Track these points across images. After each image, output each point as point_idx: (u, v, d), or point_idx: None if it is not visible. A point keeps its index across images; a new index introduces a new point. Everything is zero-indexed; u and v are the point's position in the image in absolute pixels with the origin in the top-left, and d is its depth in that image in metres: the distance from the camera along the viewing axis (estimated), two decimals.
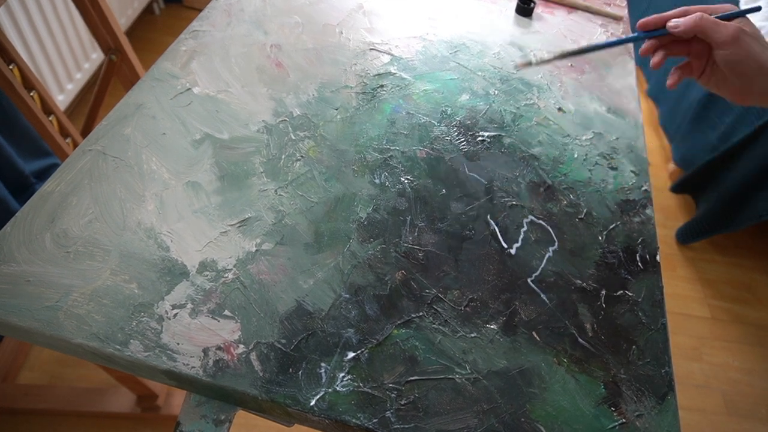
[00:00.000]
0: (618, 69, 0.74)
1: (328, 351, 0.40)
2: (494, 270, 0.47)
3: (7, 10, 1.08)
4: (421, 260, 0.47)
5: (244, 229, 0.46)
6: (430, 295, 0.45)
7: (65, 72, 1.34)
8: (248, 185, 0.49)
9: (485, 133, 0.60)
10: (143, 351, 0.38)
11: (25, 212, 0.44)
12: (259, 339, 0.40)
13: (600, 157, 0.60)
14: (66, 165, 0.47)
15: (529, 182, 0.56)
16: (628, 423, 0.40)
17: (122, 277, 0.41)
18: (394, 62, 0.67)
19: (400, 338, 0.41)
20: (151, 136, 0.51)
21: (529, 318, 0.45)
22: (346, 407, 0.37)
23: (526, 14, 0.80)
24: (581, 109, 0.66)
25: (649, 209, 0.56)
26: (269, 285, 0.43)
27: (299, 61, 0.63)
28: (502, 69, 0.69)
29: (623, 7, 0.89)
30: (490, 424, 0.38)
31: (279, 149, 0.53)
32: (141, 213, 0.45)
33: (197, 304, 0.41)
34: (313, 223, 0.48)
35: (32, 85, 0.75)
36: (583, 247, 0.51)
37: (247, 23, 0.67)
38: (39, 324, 0.38)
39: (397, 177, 0.53)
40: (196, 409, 0.39)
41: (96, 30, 0.88)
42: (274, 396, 0.37)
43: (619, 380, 0.42)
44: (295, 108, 0.58)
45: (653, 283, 0.49)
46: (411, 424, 0.37)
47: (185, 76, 0.58)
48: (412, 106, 0.61)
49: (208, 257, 0.43)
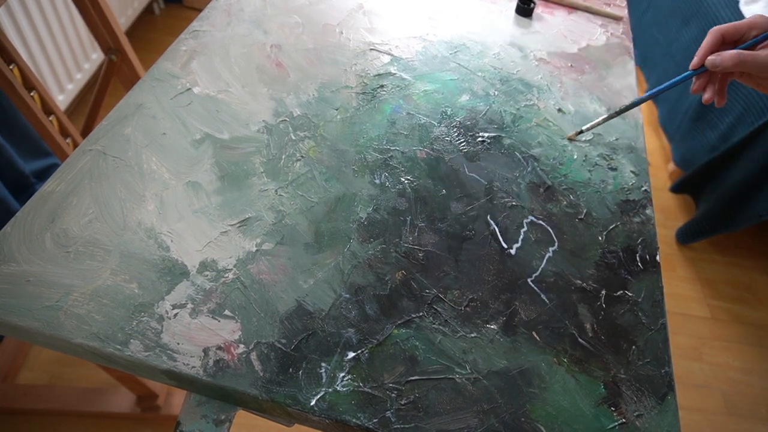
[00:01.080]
0: (618, 69, 0.74)
1: (329, 351, 0.40)
2: (494, 270, 0.47)
3: (7, 10, 1.08)
4: (421, 260, 0.47)
5: (244, 229, 0.46)
6: (430, 295, 0.45)
7: (65, 72, 1.34)
8: (248, 185, 0.49)
9: (485, 133, 0.60)
10: (143, 351, 0.38)
11: (25, 212, 0.44)
12: (259, 339, 0.40)
13: (600, 158, 0.60)
14: (66, 165, 0.47)
15: (529, 183, 0.56)
16: (628, 423, 0.40)
17: (122, 277, 0.41)
18: (394, 62, 0.67)
19: (400, 338, 0.41)
20: (152, 136, 0.51)
21: (529, 318, 0.45)
22: (346, 407, 0.37)
23: (526, 14, 0.80)
24: (581, 110, 0.66)
25: (649, 209, 0.56)
26: (269, 285, 0.43)
27: (299, 61, 0.64)
28: (502, 69, 0.69)
29: (623, 7, 0.89)
30: (490, 424, 0.38)
31: (279, 149, 0.53)
32: (141, 213, 0.45)
33: (197, 304, 0.41)
34: (313, 223, 0.48)
35: (32, 85, 0.75)
36: (583, 247, 0.51)
37: (247, 23, 0.67)
38: (39, 324, 0.38)
39: (397, 177, 0.53)
40: (196, 409, 0.39)
41: (96, 30, 0.88)
42: (274, 396, 0.37)
43: (619, 380, 0.42)
44: (295, 108, 0.58)
45: (653, 283, 0.49)
46: (411, 424, 0.37)
47: (185, 76, 0.58)
48: (412, 107, 0.61)
49: (209, 257, 0.43)
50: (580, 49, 0.76)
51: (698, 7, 1.60)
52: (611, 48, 0.78)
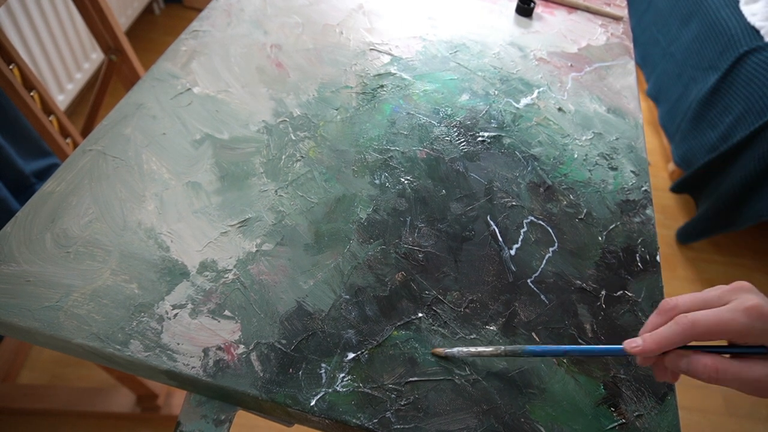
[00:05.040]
0: (618, 69, 0.74)
1: (328, 351, 0.40)
2: (494, 271, 0.47)
3: (7, 10, 1.08)
4: (421, 261, 0.47)
5: (244, 229, 0.46)
6: (430, 297, 0.45)
7: (65, 72, 1.34)
8: (248, 185, 0.49)
9: (485, 133, 0.60)
10: (143, 351, 0.38)
11: (25, 212, 0.44)
12: (259, 339, 0.40)
13: (600, 158, 0.60)
14: (66, 165, 0.47)
15: (529, 183, 0.56)
16: (628, 423, 0.40)
17: (122, 277, 0.41)
18: (394, 62, 0.67)
19: (399, 339, 0.41)
20: (151, 136, 0.51)
21: (528, 319, 0.45)
22: (346, 407, 0.37)
23: (526, 14, 0.80)
24: (581, 109, 0.66)
25: (649, 209, 0.56)
26: (269, 285, 0.43)
27: (299, 61, 0.63)
28: (502, 69, 0.69)
29: (623, 7, 0.88)
30: (489, 425, 0.38)
31: (279, 149, 0.53)
32: (141, 213, 0.45)
33: (197, 305, 0.41)
34: (313, 223, 0.48)
35: (32, 85, 0.75)
36: (583, 247, 0.51)
37: (247, 23, 0.67)
38: (39, 324, 0.38)
39: (397, 177, 0.53)
40: (196, 409, 0.39)
41: (96, 30, 0.88)
42: (274, 396, 0.37)
43: (618, 380, 0.42)
44: (295, 108, 0.58)
45: (653, 283, 0.49)
46: (411, 424, 0.37)
47: (185, 76, 0.58)
48: (412, 107, 0.61)
49: (209, 257, 0.43)
50: (580, 49, 0.76)
51: (698, 7, 1.60)
52: (611, 48, 0.78)
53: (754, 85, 1.34)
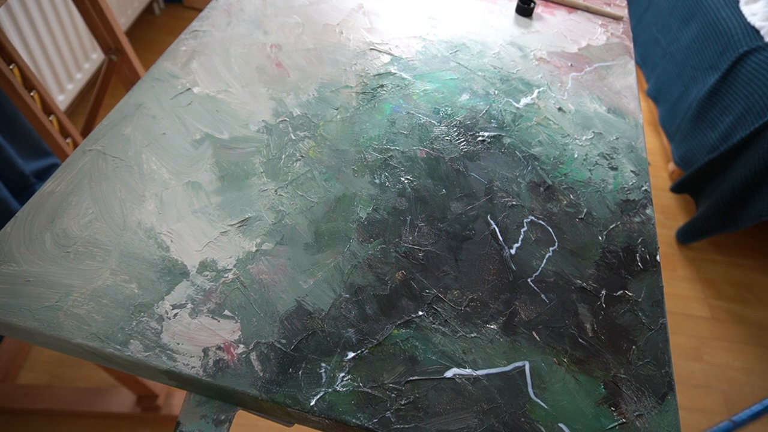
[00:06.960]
0: (618, 69, 0.74)
1: (328, 351, 0.40)
2: (494, 270, 0.47)
3: (7, 10, 1.08)
4: (421, 260, 0.47)
5: (244, 229, 0.46)
6: (430, 295, 0.45)
7: (65, 72, 1.34)
8: (248, 185, 0.49)
9: (485, 133, 0.60)
10: (143, 351, 0.38)
11: (25, 212, 0.44)
12: (259, 339, 0.40)
13: (600, 157, 0.60)
14: (66, 165, 0.47)
15: (529, 182, 0.56)
16: (628, 423, 0.40)
17: (122, 277, 0.41)
18: (394, 62, 0.67)
19: (400, 338, 0.41)
20: (151, 136, 0.51)
21: (529, 318, 0.45)
22: (346, 407, 0.37)
23: (526, 14, 0.80)
24: (581, 109, 0.66)
25: (649, 209, 0.56)
26: (269, 285, 0.43)
27: (299, 61, 0.63)
28: (502, 69, 0.69)
29: (623, 7, 0.88)
30: (490, 424, 0.38)
31: (279, 149, 0.53)
32: (141, 213, 0.45)
33: (197, 304, 0.41)
34: (313, 223, 0.48)
35: (32, 85, 0.75)
36: (583, 247, 0.51)
37: (247, 23, 0.67)
38: (39, 324, 0.38)
39: (397, 177, 0.53)
40: (196, 409, 0.39)
41: (96, 30, 0.88)
42: (274, 396, 0.37)
43: (619, 380, 0.42)
44: (295, 108, 0.58)
45: (653, 283, 0.49)
46: (411, 424, 0.37)
47: (185, 76, 0.58)
48: (412, 106, 0.61)
49: (208, 257, 0.43)
50: (580, 49, 0.76)
51: (698, 7, 1.60)
52: (611, 48, 0.78)
53: (754, 85, 1.34)
